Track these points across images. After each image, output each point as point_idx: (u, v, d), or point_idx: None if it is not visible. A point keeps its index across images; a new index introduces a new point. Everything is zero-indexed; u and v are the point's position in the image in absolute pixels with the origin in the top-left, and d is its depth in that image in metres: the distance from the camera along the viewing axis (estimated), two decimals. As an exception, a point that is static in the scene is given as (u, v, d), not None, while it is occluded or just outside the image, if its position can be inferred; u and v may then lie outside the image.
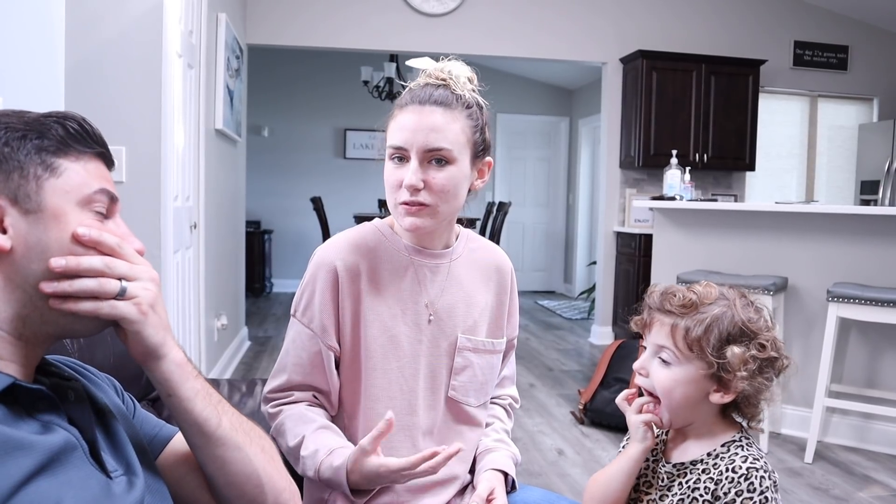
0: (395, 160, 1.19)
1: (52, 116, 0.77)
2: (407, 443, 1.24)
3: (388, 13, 5.35)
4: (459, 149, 1.18)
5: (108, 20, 2.59)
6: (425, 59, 1.26)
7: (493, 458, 1.31)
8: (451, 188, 1.18)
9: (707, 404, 1.10)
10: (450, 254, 1.30)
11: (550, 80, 8.57)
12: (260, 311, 6.90)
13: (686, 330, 1.08)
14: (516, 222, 8.58)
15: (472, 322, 1.30)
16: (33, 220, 0.72)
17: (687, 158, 5.38)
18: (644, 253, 5.21)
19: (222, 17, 3.97)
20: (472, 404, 1.31)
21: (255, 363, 4.84)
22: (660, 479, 1.16)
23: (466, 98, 1.21)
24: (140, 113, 2.65)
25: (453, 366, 1.28)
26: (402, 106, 1.20)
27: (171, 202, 2.84)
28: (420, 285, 1.27)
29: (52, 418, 0.72)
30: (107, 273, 0.73)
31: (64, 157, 0.75)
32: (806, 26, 6.00)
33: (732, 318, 1.07)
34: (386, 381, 1.23)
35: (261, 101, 7.55)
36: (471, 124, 1.20)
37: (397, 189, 1.18)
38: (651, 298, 1.15)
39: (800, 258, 3.51)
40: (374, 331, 1.22)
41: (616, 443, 3.36)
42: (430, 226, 1.20)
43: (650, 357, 1.13)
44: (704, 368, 1.07)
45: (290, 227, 8.25)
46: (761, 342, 1.07)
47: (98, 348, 1.13)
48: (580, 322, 6.83)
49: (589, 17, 5.62)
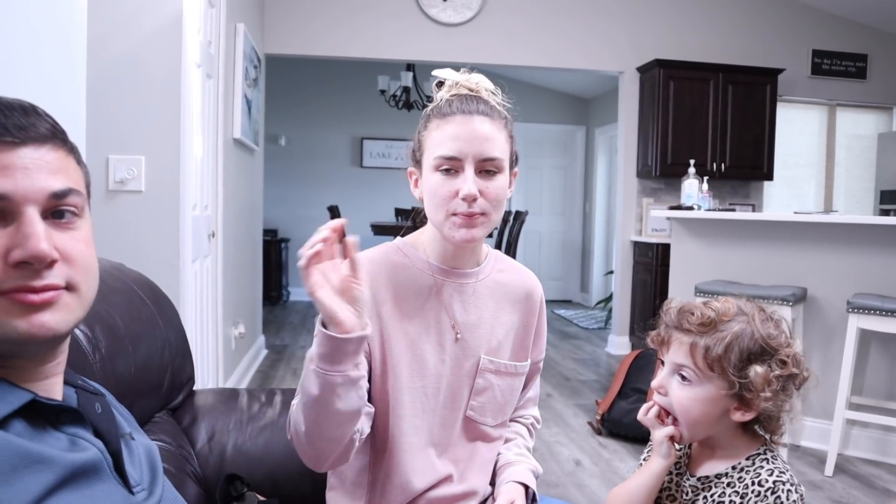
0: (444, 172, 1.16)
1: None
2: (425, 462, 1.23)
3: (404, 23, 5.38)
4: (505, 158, 1.19)
5: (129, 32, 2.62)
6: (448, 70, 1.26)
7: (514, 470, 1.30)
8: (503, 197, 1.18)
9: (727, 420, 1.09)
10: (476, 274, 1.29)
11: (567, 89, 8.56)
12: (276, 319, 6.92)
13: (706, 349, 1.06)
14: (533, 231, 8.56)
15: (497, 343, 1.28)
16: None
17: (704, 168, 5.35)
18: (661, 262, 5.18)
19: (240, 27, 4.00)
20: (490, 424, 1.30)
21: (272, 371, 4.85)
22: (684, 492, 1.14)
23: (500, 111, 1.21)
24: (159, 123, 2.67)
25: (474, 386, 1.26)
26: (444, 116, 1.18)
27: (190, 211, 2.85)
28: (444, 305, 1.25)
29: (77, 431, 0.72)
30: None
31: None
32: (824, 35, 5.96)
33: (752, 334, 1.06)
34: (411, 398, 1.21)
35: (278, 110, 7.60)
36: (508, 135, 1.21)
37: (450, 200, 1.16)
38: (668, 316, 1.13)
39: (819, 269, 3.47)
40: (401, 349, 1.21)
41: (634, 454, 3.33)
42: (482, 236, 1.20)
43: (668, 375, 1.12)
44: (725, 388, 1.05)
45: (306, 236, 7.94)
46: (782, 358, 1.05)
47: (119, 358, 1.13)
48: (597, 332, 6.79)
49: (606, 27, 5.61)
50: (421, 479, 1.22)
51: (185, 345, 1.43)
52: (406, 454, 1.21)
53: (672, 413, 1.11)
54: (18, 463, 0.62)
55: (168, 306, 1.41)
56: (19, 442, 0.64)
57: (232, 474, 1.28)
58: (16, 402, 0.67)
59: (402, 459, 1.21)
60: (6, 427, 0.65)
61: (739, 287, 3.40)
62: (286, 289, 8.13)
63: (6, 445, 0.62)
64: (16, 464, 0.62)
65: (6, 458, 0.62)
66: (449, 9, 5.38)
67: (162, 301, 1.39)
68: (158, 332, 1.31)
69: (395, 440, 1.21)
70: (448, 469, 1.25)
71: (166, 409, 1.37)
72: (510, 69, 6.54)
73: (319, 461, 1.11)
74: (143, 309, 1.29)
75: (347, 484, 1.26)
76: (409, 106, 7.12)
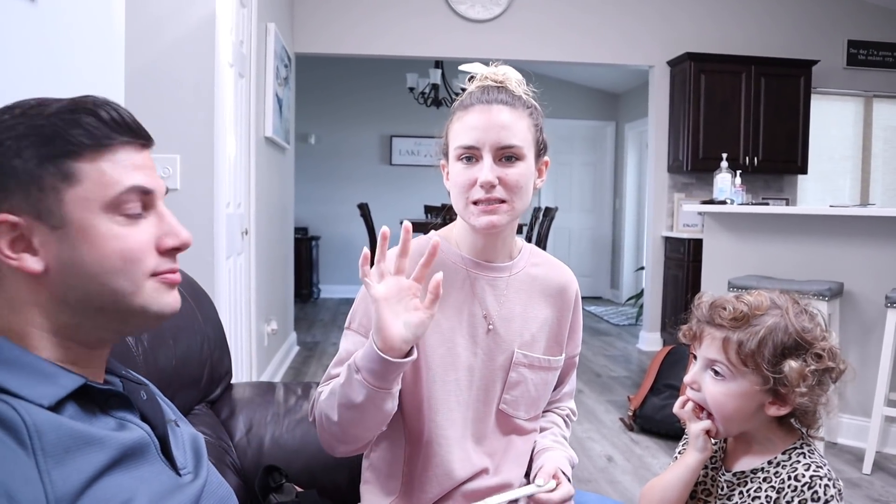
0: (464, 160, 1.18)
1: (64, 111, 0.70)
2: (460, 453, 1.23)
3: (433, 20, 5.38)
4: (527, 146, 1.19)
5: (163, 33, 2.66)
6: (477, 64, 1.27)
7: (551, 455, 1.30)
8: (524, 184, 1.18)
9: (762, 415, 1.07)
10: (510, 267, 1.29)
11: (596, 85, 8.50)
12: (307, 316, 6.99)
13: (739, 344, 1.04)
14: (562, 228, 8.53)
15: (530, 337, 1.28)
16: (61, 235, 0.69)
17: (736, 162, 5.28)
18: (693, 258, 5.13)
19: (271, 27, 4.04)
20: (522, 417, 1.30)
21: (303, 368, 4.90)
22: (719, 487, 1.13)
23: (525, 99, 1.22)
24: (194, 122, 2.71)
25: (507, 379, 1.27)
26: (465, 107, 1.20)
27: (224, 209, 2.89)
28: (477, 298, 1.26)
29: (125, 415, 0.74)
30: None
31: (79, 160, 0.69)
32: (860, 24, 5.84)
33: (786, 328, 1.04)
34: (444, 392, 1.22)
35: (308, 109, 7.66)
36: (532, 123, 1.21)
37: (469, 188, 1.17)
38: (699, 310, 1.12)
39: (856, 263, 3.42)
40: (434, 341, 1.22)
41: (666, 450, 3.31)
42: (505, 223, 1.19)
43: (701, 371, 1.11)
44: (760, 383, 1.03)
45: (336, 234, 8.34)
46: (817, 352, 1.03)
47: (161, 351, 1.16)
48: (627, 328, 6.75)
49: (635, 20, 5.56)
50: (459, 472, 1.22)
51: (222, 339, 1.45)
52: (442, 447, 1.21)
53: (706, 408, 1.10)
54: (71, 445, 0.65)
55: (206, 302, 1.44)
56: (71, 424, 0.66)
57: (270, 466, 1.31)
58: (69, 385, 0.69)
59: (438, 452, 1.21)
60: (60, 409, 0.68)
61: (774, 282, 3.36)
62: (317, 286, 8.20)
63: (59, 427, 0.65)
64: (69, 446, 0.64)
65: (60, 441, 0.64)
66: (477, 5, 5.38)
67: (200, 296, 1.42)
68: (197, 327, 1.34)
69: (430, 433, 1.21)
70: (484, 462, 1.26)
71: (205, 402, 1.40)
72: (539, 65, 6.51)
73: (341, 449, 1.18)
74: (183, 304, 1.31)
75: (381, 477, 1.27)
76: (437, 103, 7.13)
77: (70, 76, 1.43)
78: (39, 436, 0.62)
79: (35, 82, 1.26)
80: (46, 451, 0.62)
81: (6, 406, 0.63)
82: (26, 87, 1.22)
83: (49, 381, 0.68)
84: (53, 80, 1.35)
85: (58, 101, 0.71)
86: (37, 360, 0.69)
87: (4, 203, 0.68)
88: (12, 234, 0.68)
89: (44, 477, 0.61)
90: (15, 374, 0.67)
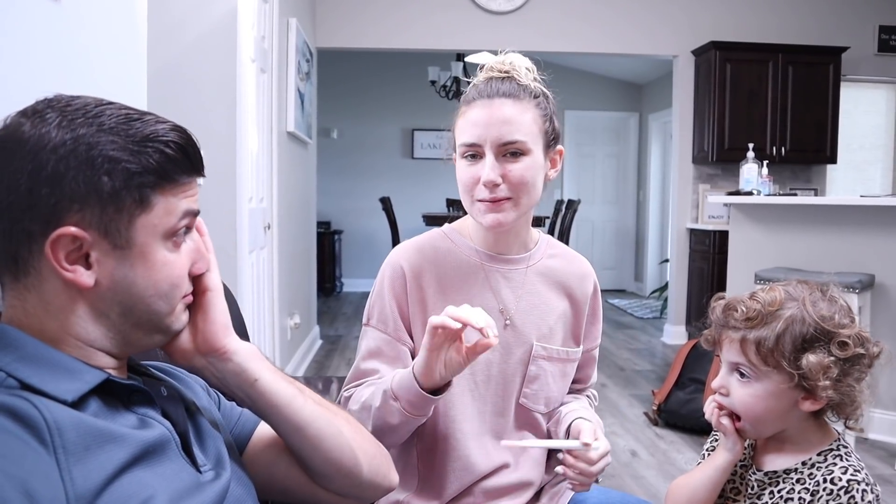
0: (468, 158, 1.17)
1: (156, 140, 0.72)
2: (479, 448, 1.22)
3: (454, 12, 5.36)
4: (533, 139, 1.15)
5: (186, 29, 2.68)
6: (484, 54, 1.24)
7: (591, 415, 1.26)
8: (530, 179, 1.16)
9: (797, 411, 1.04)
10: (526, 259, 1.27)
11: (619, 75, 8.43)
12: (330, 310, 7.02)
13: (757, 343, 1.01)
14: (585, 220, 8.47)
15: (548, 329, 1.27)
16: (120, 255, 0.71)
17: (763, 152, 5.20)
18: (719, 250, 5.07)
19: (293, 21, 4.04)
20: (542, 411, 1.28)
21: (326, 361, 4.92)
22: (749, 486, 1.10)
23: (532, 88, 1.18)
24: (216, 117, 2.72)
25: (526, 374, 1.25)
26: (468, 102, 1.18)
27: (246, 203, 2.91)
28: (493, 291, 1.24)
29: (147, 411, 0.75)
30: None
31: (159, 192, 0.72)
32: (891, 9, 5.71)
33: (804, 319, 1.00)
34: (459, 386, 1.20)
35: (329, 103, 7.67)
36: (540, 114, 1.18)
37: (474, 187, 1.16)
38: (714, 314, 1.09)
39: (887, 254, 3.35)
40: None
41: (691, 445, 3.27)
42: (512, 220, 1.17)
43: (727, 374, 1.07)
44: (786, 381, 1.00)
45: (359, 228, 8.36)
46: (842, 340, 0.99)
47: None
48: (652, 321, 6.69)
49: (658, 9, 5.49)
50: (478, 466, 1.22)
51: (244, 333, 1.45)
52: (459, 442, 1.21)
53: (736, 413, 1.07)
54: (91, 442, 0.65)
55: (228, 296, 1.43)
56: (92, 421, 0.66)
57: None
58: (92, 380, 0.70)
59: (455, 447, 1.21)
60: (83, 405, 0.68)
61: (802, 274, 3.30)
62: (339, 280, 8.23)
63: (79, 425, 0.65)
64: (89, 443, 0.64)
65: (80, 438, 0.64)
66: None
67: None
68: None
69: (445, 428, 1.21)
70: (504, 457, 1.24)
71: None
72: (561, 56, 6.48)
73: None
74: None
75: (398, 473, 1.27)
76: (459, 96, 7.08)
77: (94, 75, 1.44)
78: (60, 433, 0.63)
79: (59, 81, 1.27)
80: (67, 448, 0.63)
81: (27, 404, 0.63)
82: (51, 86, 1.23)
83: (72, 377, 0.69)
84: (78, 79, 1.36)
85: (148, 122, 0.73)
86: (60, 356, 0.70)
87: (76, 215, 0.69)
88: (72, 247, 0.69)
89: (64, 475, 0.61)
90: (38, 370, 0.67)
